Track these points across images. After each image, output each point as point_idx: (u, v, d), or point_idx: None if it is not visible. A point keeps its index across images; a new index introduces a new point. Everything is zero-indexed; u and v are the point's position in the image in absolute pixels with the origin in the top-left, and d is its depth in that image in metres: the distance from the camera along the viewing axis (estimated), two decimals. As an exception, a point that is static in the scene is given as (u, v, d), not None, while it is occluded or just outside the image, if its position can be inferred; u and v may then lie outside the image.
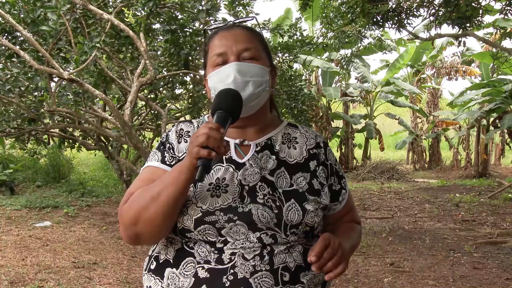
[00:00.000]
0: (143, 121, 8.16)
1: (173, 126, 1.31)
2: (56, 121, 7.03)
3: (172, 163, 1.21)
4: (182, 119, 7.63)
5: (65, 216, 6.23)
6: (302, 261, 1.16)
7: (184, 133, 1.27)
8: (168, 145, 1.25)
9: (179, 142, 1.25)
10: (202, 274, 1.11)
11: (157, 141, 7.86)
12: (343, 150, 14.95)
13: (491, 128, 12.51)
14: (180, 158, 1.22)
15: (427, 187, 10.96)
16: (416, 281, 4.26)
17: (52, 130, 7.21)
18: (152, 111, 7.09)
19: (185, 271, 1.13)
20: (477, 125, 13.44)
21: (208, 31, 1.34)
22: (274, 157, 1.23)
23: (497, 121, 11.61)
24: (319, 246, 1.08)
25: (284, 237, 1.14)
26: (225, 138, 1.22)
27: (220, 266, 1.11)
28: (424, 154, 15.97)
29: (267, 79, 1.24)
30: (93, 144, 7.73)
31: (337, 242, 1.11)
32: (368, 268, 4.62)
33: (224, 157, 1.20)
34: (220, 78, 1.20)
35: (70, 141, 8.11)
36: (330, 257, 1.08)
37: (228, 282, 1.09)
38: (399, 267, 4.70)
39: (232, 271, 1.10)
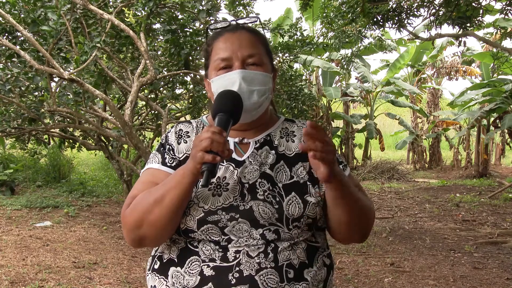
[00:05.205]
0: (143, 121, 8.17)
1: (172, 127, 1.31)
2: (57, 121, 7.03)
3: (173, 165, 1.21)
4: (182, 119, 7.63)
5: (66, 216, 6.23)
6: (306, 258, 1.17)
7: (183, 134, 1.27)
8: (168, 146, 1.25)
9: (178, 143, 1.25)
10: (208, 272, 1.12)
11: (157, 141, 7.88)
12: (343, 150, 14.93)
13: (492, 128, 12.50)
14: (181, 159, 1.22)
15: (428, 187, 10.95)
16: (417, 281, 4.26)
17: (52, 130, 7.20)
18: (153, 111, 7.09)
19: (190, 269, 1.14)
20: (477, 125, 13.43)
21: (211, 30, 1.33)
22: (273, 151, 1.24)
23: (497, 121, 11.61)
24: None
25: (287, 231, 1.14)
26: None
27: (225, 264, 1.11)
28: (424, 154, 15.95)
29: (270, 87, 1.24)
30: (93, 144, 7.72)
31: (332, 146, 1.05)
32: (368, 268, 4.62)
33: None
34: (224, 84, 1.20)
35: (71, 141, 8.11)
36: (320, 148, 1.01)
37: (234, 280, 1.10)
38: (400, 267, 4.69)
39: (237, 268, 1.11)
